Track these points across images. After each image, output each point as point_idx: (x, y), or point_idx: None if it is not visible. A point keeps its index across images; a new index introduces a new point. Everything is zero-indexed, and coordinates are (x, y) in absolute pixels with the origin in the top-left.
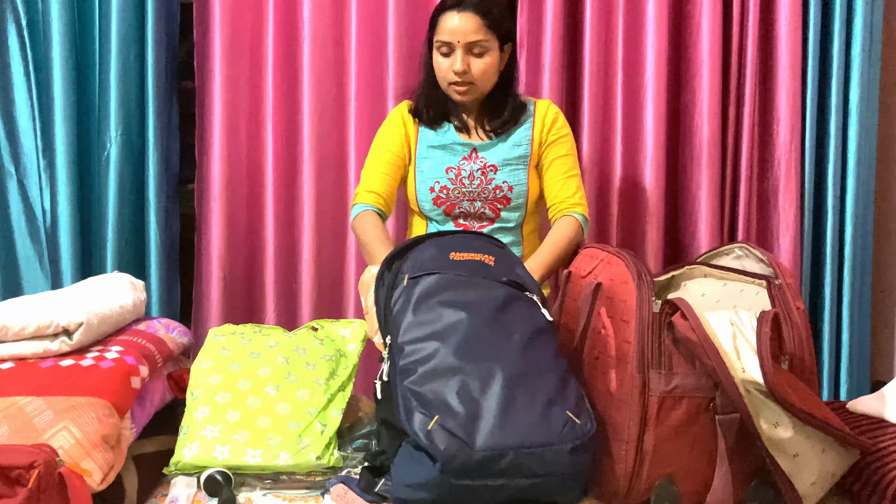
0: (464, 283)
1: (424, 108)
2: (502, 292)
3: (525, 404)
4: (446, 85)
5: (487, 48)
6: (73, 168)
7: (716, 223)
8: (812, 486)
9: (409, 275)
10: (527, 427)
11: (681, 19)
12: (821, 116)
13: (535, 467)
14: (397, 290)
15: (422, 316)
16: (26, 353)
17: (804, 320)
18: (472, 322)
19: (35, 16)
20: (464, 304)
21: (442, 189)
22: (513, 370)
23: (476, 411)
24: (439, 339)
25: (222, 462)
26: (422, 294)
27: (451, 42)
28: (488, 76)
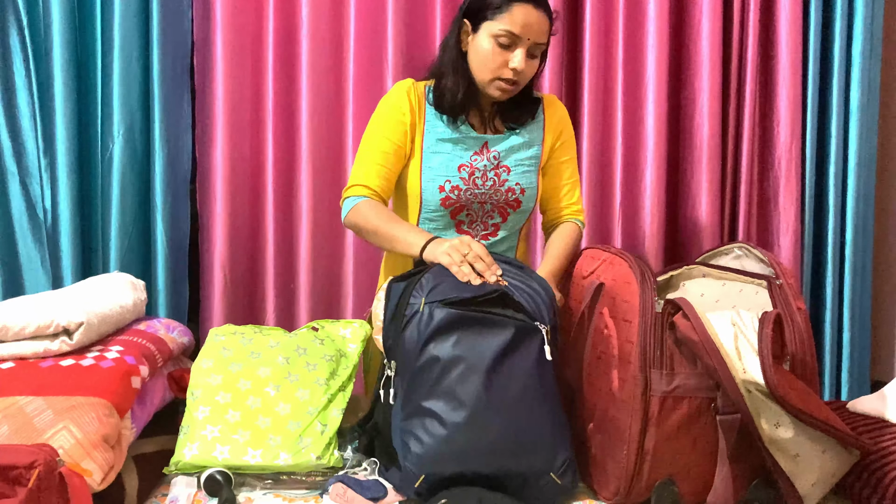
0: (473, 321)
1: (450, 94)
2: (508, 334)
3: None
4: (490, 78)
5: (542, 52)
6: (75, 167)
7: (716, 223)
8: (813, 486)
9: (425, 299)
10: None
11: (681, 19)
12: (822, 116)
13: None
14: (409, 313)
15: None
16: (27, 352)
17: (805, 321)
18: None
19: (35, 14)
20: (470, 349)
21: (453, 189)
22: (508, 434)
23: (463, 472)
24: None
25: (222, 462)
26: (434, 329)
27: (520, 36)
28: (530, 76)
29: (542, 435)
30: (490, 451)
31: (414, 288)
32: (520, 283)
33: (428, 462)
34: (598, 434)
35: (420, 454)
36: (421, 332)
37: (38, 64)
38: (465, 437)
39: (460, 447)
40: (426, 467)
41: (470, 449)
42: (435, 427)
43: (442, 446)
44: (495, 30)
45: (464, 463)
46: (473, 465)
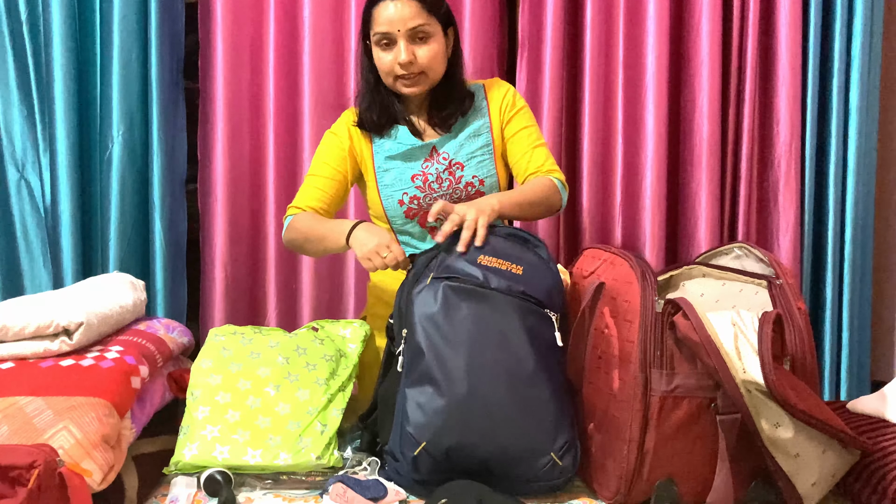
0: (482, 297)
1: (367, 114)
2: (516, 315)
3: (512, 441)
4: (392, 81)
5: (431, 32)
6: (75, 167)
7: (716, 223)
8: (813, 486)
9: (434, 273)
10: (508, 464)
11: (681, 19)
12: (821, 116)
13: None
14: (419, 286)
15: (435, 328)
16: (26, 353)
17: (805, 321)
18: (481, 347)
19: (36, 14)
20: (477, 324)
21: (412, 200)
22: (508, 407)
23: (463, 443)
24: (446, 360)
25: (222, 462)
26: (441, 301)
27: (390, 32)
28: (437, 63)
29: (545, 415)
30: (491, 426)
31: (429, 263)
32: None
33: (428, 430)
34: (598, 434)
35: (421, 422)
36: (426, 303)
37: (37, 64)
38: (467, 410)
39: (461, 418)
40: (426, 435)
41: (471, 421)
42: (437, 397)
43: (443, 416)
44: (374, 38)
45: (464, 434)
46: (473, 437)
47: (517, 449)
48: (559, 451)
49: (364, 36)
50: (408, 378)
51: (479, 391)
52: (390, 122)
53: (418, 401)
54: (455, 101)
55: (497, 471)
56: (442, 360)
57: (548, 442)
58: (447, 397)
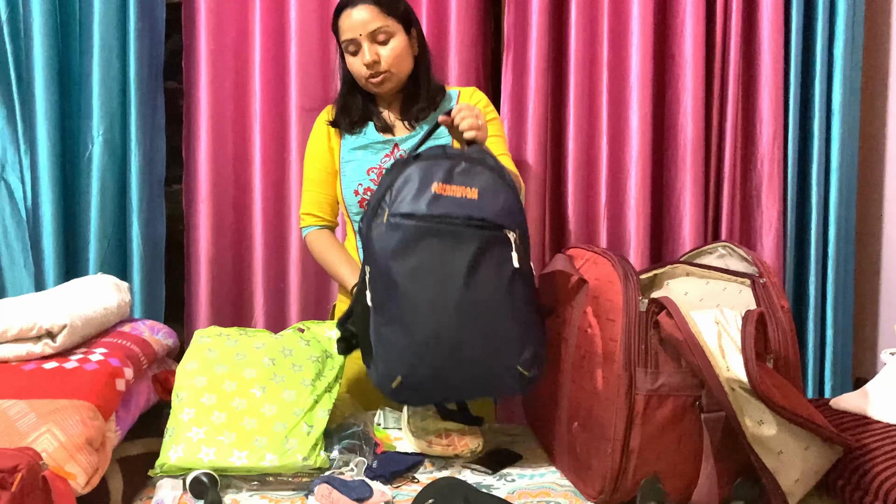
0: (441, 234)
1: (341, 115)
2: (476, 245)
3: (479, 365)
4: (363, 82)
5: (391, 33)
6: (56, 168)
7: (700, 222)
8: (796, 483)
9: (389, 210)
10: (476, 384)
11: (665, 19)
12: (804, 116)
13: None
14: (377, 221)
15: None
16: (9, 356)
17: (789, 319)
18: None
19: (15, 13)
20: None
21: (366, 191)
22: (473, 334)
23: (434, 373)
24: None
25: (208, 464)
26: (399, 239)
27: (354, 38)
28: (401, 60)
29: (509, 335)
30: (460, 354)
31: (383, 197)
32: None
33: (402, 364)
34: (582, 433)
35: (394, 358)
36: (385, 246)
37: (17, 64)
38: (436, 342)
39: (431, 351)
40: (401, 369)
41: (440, 352)
42: (406, 334)
43: (414, 351)
44: (343, 46)
45: (435, 365)
46: (444, 365)
47: (486, 368)
48: (526, 365)
49: (339, 44)
50: (377, 315)
51: (446, 323)
52: (362, 121)
53: (389, 339)
54: (425, 96)
55: (468, 387)
56: (407, 298)
57: (514, 358)
58: (415, 334)
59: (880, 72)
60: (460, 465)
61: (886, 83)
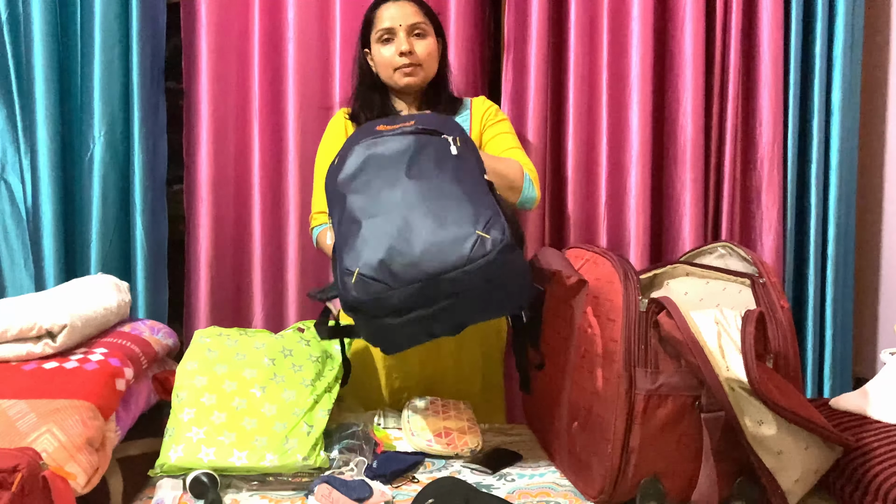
0: (379, 143)
1: (362, 110)
2: (412, 141)
3: (435, 237)
4: (391, 73)
5: (427, 31)
6: (56, 168)
7: (699, 222)
8: (796, 482)
9: (338, 156)
10: (438, 258)
11: (665, 19)
12: (803, 116)
13: (457, 286)
14: (331, 177)
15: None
16: (9, 355)
17: (788, 319)
18: (385, 176)
19: (16, 13)
20: (377, 161)
21: None
22: (422, 210)
23: (390, 253)
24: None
25: (208, 464)
26: (343, 161)
27: (392, 27)
28: (431, 59)
29: (461, 209)
30: (411, 231)
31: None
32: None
33: (357, 257)
34: (582, 433)
35: (351, 256)
36: (335, 173)
37: (18, 64)
38: (384, 225)
39: (381, 233)
40: (356, 262)
41: (391, 233)
42: (357, 227)
43: (364, 238)
44: (376, 37)
45: (389, 245)
46: (398, 244)
47: (443, 239)
48: (483, 228)
49: (363, 44)
50: (337, 236)
51: (393, 208)
52: (381, 118)
53: (345, 243)
54: (444, 101)
55: (433, 270)
56: (355, 201)
57: (470, 225)
58: (365, 224)
59: (880, 72)
60: (460, 465)
61: (886, 83)
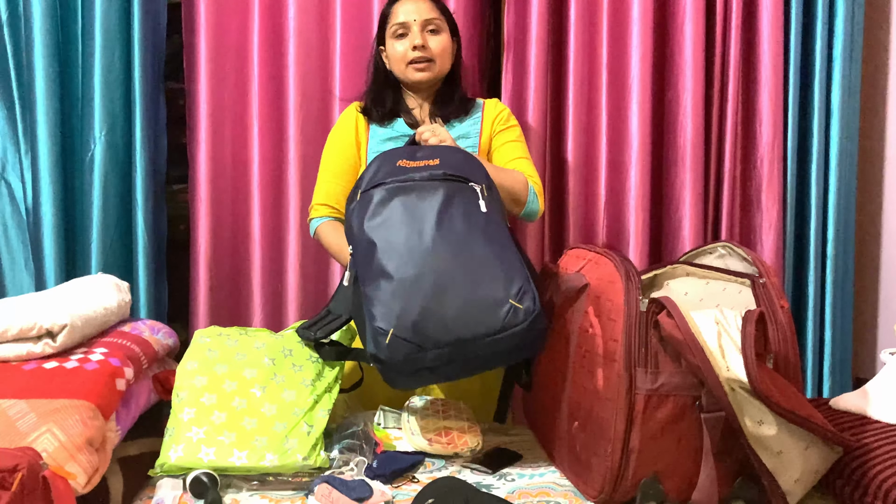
0: (408, 189)
1: (374, 105)
2: (443, 192)
3: (469, 302)
4: (404, 67)
5: (442, 27)
6: (57, 168)
7: (699, 222)
8: (796, 482)
9: (361, 190)
10: (472, 323)
11: (665, 20)
12: (803, 116)
13: (485, 350)
14: (352, 204)
15: (372, 228)
16: (9, 355)
17: (788, 319)
18: (417, 230)
19: (16, 13)
20: (409, 211)
21: None
22: (456, 272)
23: (425, 316)
24: (389, 252)
25: (208, 463)
26: (373, 207)
27: (406, 22)
28: (445, 54)
29: (493, 271)
30: (446, 293)
31: (356, 184)
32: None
33: (391, 315)
34: (582, 433)
35: (383, 312)
36: (360, 215)
37: (18, 64)
38: (419, 285)
39: (416, 294)
40: (391, 321)
41: (426, 294)
42: (390, 285)
43: (399, 298)
44: (390, 32)
45: (423, 307)
46: (432, 305)
47: (476, 306)
48: (517, 297)
49: (379, 41)
50: (363, 284)
51: (427, 266)
52: (391, 115)
53: (376, 296)
54: (457, 101)
55: (465, 333)
56: (386, 252)
57: (503, 291)
58: (398, 281)
59: (880, 72)
60: (460, 465)
61: (886, 83)
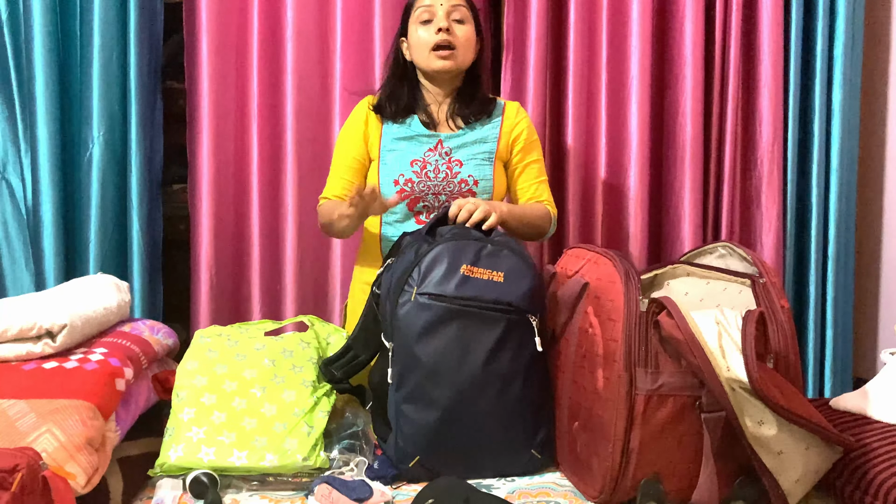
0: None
1: (387, 102)
2: (503, 327)
3: (497, 446)
4: (426, 54)
5: (467, 18)
6: (56, 168)
7: (699, 222)
8: (796, 483)
9: (417, 289)
10: (493, 465)
11: (664, 20)
12: (804, 116)
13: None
14: (403, 299)
15: (423, 346)
16: (9, 355)
17: (789, 319)
18: (470, 362)
19: (16, 14)
20: (461, 346)
21: (406, 182)
22: (494, 416)
23: (453, 453)
24: (435, 377)
25: (208, 463)
26: (428, 322)
27: (432, 6)
28: (469, 45)
29: (526, 417)
30: (478, 435)
31: (410, 273)
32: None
33: (420, 444)
34: (583, 433)
35: (413, 436)
36: (412, 324)
37: (18, 64)
38: (455, 423)
39: (450, 432)
40: (419, 449)
41: (459, 433)
42: (427, 413)
43: (433, 431)
44: (415, 20)
45: (454, 446)
46: (462, 446)
47: (502, 451)
48: (538, 447)
49: (402, 32)
50: (399, 392)
51: (467, 405)
52: (406, 112)
53: (410, 416)
54: (478, 101)
55: (484, 474)
56: (430, 378)
57: (528, 440)
58: (436, 413)
59: (880, 72)
60: None
61: (886, 83)
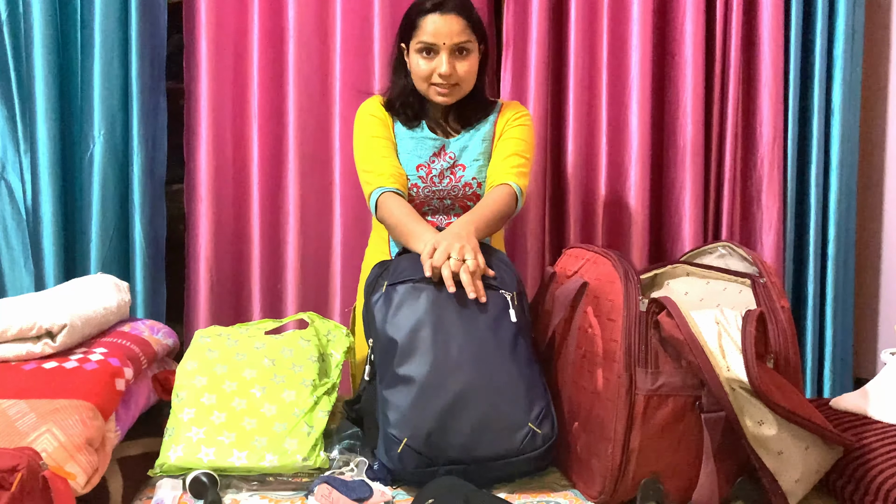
0: (437, 288)
1: (401, 109)
2: (471, 303)
3: (489, 420)
4: (425, 87)
5: (471, 49)
6: (56, 168)
7: (699, 222)
8: (796, 483)
9: (388, 282)
10: (489, 443)
11: (665, 20)
12: (804, 116)
13: (497, 472)
14: (376, 295)
15: (395, 327)
16: (8, 355)
17: (789, 319)
18: (441, 337)
19: (16, 13)
20: (434, 316)
21: (412, 187)
22: (479, 387)
23: (442, 428)
24: (411, 354)
25: (208, 464)
26: (397, 303)
27: (435, 44)
28: (472, 77)
29: (516, 389)
30: (465, 408)
31: (381, 273)
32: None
33: (407, 425)
34: (583, 433)
35: (399, 419)
36: (383, 309)
37: (18, 64)
38: (439, 397)
39: (435, 406)
40: (406, 430)
41: (445, 407)
42: (409, 392)
43: (417, 407)
44: (416, 45)
45: (440, 420)
46: (450, 421)
47: (495, 426)
48: (536, 421)
49: (402, 39)
50: (381, 382)
51: (448, 378)
52: (417, 118)
53: (393, 401)
54: (475, 108)
55: (480, 453)
56: (407, 356)
57: (523, 414)
58: (418, 390)
59: (880, 72)
60: None
61: (886, 83)
